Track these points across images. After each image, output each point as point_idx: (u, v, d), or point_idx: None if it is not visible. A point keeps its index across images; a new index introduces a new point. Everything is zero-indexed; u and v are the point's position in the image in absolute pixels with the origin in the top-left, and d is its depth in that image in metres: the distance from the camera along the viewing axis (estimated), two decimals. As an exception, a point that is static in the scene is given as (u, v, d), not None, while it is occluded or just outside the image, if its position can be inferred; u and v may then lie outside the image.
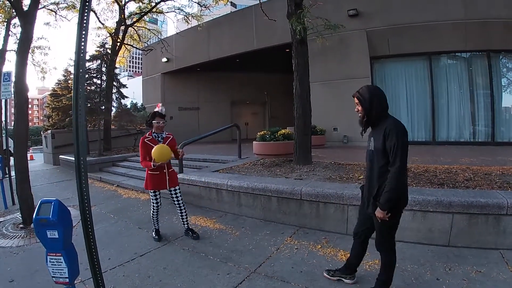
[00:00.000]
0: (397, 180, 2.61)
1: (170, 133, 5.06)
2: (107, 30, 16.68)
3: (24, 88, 6.12)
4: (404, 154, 2.60)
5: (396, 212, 2.77)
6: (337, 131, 13.18)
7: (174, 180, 5.00)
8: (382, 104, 2.80)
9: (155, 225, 5.07)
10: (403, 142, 2.60)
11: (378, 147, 2.75)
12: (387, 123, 2.73)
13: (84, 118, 2.48)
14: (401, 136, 2.62)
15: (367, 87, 2.89)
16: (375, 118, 2.82)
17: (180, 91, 20.69)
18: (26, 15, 6.35)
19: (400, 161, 2.58)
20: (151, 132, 4.92)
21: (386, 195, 2.65)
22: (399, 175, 2.60)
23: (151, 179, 4.86)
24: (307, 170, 6.83)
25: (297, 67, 7.48)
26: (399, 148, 2.58)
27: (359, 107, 2.88)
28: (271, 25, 11.82)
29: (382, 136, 2.69)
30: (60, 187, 9.81)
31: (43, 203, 2.60)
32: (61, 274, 2.66)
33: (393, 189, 2.62)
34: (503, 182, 4.95)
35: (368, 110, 2.81)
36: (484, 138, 11.55)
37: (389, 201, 2.64)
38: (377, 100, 2.79)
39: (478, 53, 11.71)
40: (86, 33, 2.44)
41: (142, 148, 4.79)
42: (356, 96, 2.91)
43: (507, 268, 3.45)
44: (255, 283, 3.47)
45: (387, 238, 2.90)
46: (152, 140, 4.80)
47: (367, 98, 2.81)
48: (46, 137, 16.20)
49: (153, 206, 4.95)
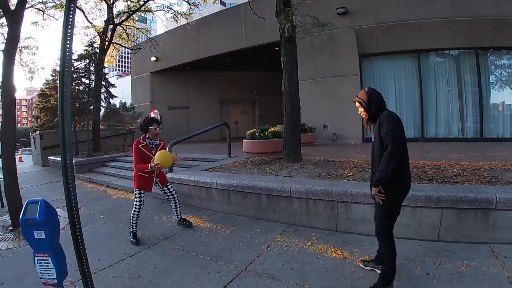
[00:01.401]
0: (387, 162, 2.79)
1: (162, 139, 5.18)
2: (95, 29, 16.56)
3: (11, 88, 6.05)
4: (396, 139, 2.80)
5: (390, 198, 2.93)
6: (327, 128, 13.23)
7: (164, 179, 5.29)
8: (379, 101, 3.04)
9: (133, 227, 4.99)
10: (394, 129, 2.81)
11: (376, 138, 2.99)
12: (381, 116, 2.97)
13: (70, 118, 2.46)
14: (392, 123, 2.84)
15: (363, 90, 3.14)
16: (375, 115, 3.04)
17: (169, 90, 20.58)
18: (13, 14, 6.28)
19: (391, 145, 2.78)
20: (145, 137, 4.96)
21: (376, 175, 2.90)
22: (389, 159, 2.79)
23: (139, 179, 4.96)
24: (296, 167, 6.85)
25: (286, 65, 7.48)
26: (390, 134, 2.80)
27: (361, 108, 3.13)
28: (260, 24, 11.81)
29: (377, 127, 2.95)
30: (49, 188, 9.72)
31: (29, 203, 2.59)
32: (49, 275, 2.65)
33: (383, 170, 2.82)
34: (492, 177, 5.02)
35: (368, 109, 3.05)
36: (473, 134, 11.67)
37: (379, 179, 2.88)
38: (374, 98, 3.04)
39: (466, 50, 11.82)
40: (71, 32, 2.42)
41: (136, 153, 4.85)
42: (356, 100, 3.15)
43: (497, 262, 3.49)
44: (246, 281, 3.47)
45: (383, 225, 3.05)
46: (145, 147, 4.91)
47: (365, 99, 3.05)
48: (35, 138, 16.03)
49: (136, 206, 4.95)
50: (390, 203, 2.97)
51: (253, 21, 12.24)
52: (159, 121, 5.01)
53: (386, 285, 2.97)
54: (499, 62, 11.81)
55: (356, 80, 12.51)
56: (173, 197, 5.33)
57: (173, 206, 5.40)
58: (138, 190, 4.97)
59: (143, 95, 21.01)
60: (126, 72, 79.81)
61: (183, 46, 18.24)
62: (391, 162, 2.78)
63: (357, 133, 12.57)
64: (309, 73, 12.79)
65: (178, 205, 5.41)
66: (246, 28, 15.52)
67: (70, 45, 2.42)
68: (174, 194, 5.34)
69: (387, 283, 2.98)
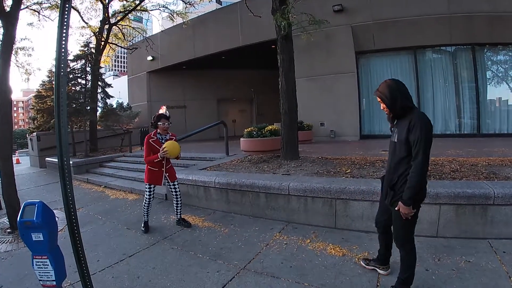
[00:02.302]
0: (419, 175, 2.58)
1: (174, 134, 5.41)
2: (91, 29, 16.50)
3: (7, 90, 6.02)
4: (427, 148, 2.56)
5: (416, 207, 2.74)
6: (324, 126, 13.23)
7: (174, 175, 5.41)
8: (404, 97, 2.75)
9: (144, 217, 5.35)
10: (426, 136, 2.56)
11: (401, 139, 2.72)
12: (412, 115, 2.69)
13: (66, 118, 2.45)
14: (425, 130, 2.57)
15: (385, 83, 2.83)
16: (400, 111, 2.77)
17: (166, 90, 20.54)
18: (8, 15, 6.25)
19: (423, 155, 2.55)
20: (156, 133, 5.18)
21: (408, 191, 2.63)
22: (421, 170, 2.58)
23: (149, 174, 5.19)
24: (294, 165, 6.85)
25: (283, 63, 7.48)
26: (422, 141, 2.55)
27: (383, 104, 2.85)
28: (256, 22, 11.81)
29: (406, 128, 2.66)
30: (47, 190, 9.69)
31: (27, 205, 2.58)
32: (48, 277, 2.64)
33: (415, 185, 2.60)
34: (490, 173, 5.03)
35: (392, 106, 2.77)
36: (470, 130, 11.70)
37: (412, 197, 2.63)
38: (398, 94, 2.74)
39: (462, 46, 11.84)
40: (67, 32, 2.41)
41: (147, 147, 5.07)
42: (378, 94, 2.86)
43: (495, 257, 3.50)
44: (245, 279, 3.47)
45: (405, 233, 2.86)
46: (156, 141, 5.14)
47: (387, 95, 2.77)
48: (32, 140, 15.99)
49: (146, 198, 5.29)
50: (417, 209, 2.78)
51: (250, 19, 12.23)
52: (167, 116, 5.20)
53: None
54: (496, 58, 11.83)
55: (353, 78, 12.52)
56: (176, 195, 5.38)
57: (175, 205, 5.42)
58: (148, 184, 5.23)
59: (140, 95, 20.99)
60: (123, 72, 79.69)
61: (180, 45, 18.22)
62: (422, 174, 2.59)
63: (354, 130, 12.59)
64: (306, 71, 12.80)
65: (180, 204, 5.45)
66: (243, 26, 15.50)
67: (65, 46, 2.41)
68: (178, 193, 5.40)
69: (406, 287, 2.89)
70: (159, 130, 5.17)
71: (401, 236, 2.89)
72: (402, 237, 2.88)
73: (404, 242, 2.88)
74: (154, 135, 5.13)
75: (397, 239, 2.93)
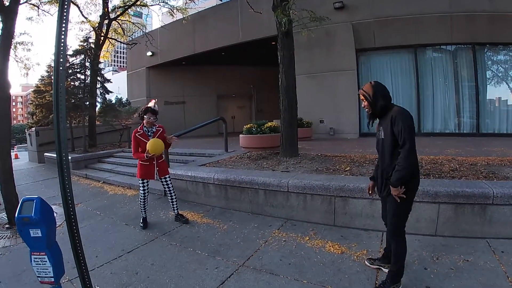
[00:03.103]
0: (407, 160, 2.75)
1: (161, 125, 5.36)
2: (91, 24, 16.44)
3: (6, 84, 5.99)
4: (411, 136, 2.74)
5: (408, 195, 2.88)
6: (324, 123, 13.22)
7: (164, 170, 5.35)
8: (385, 97, 2.96)
9: (142, 213, 5.36)
10: (408, 125, 2.76)
11: (387, 134, 2.91)
12: (392, 111, 2.89)
13: (65, 113, 2.43)
14: (405, 120, 2.77)
15: (369, 84, 3.04)
16: (380, 110, 2.97)
17: (165, 85, 20.48)
18: (7, 10, 6.21)
19: (409, 142, 2.72)
20: (142, 126, 5.18)
21: (396, 174, 2.81)
22: (408, 156, 2.74)
23: (141, 169, 5.21)
24: (293, 162, 6.84)
25: (283, 59, 7.46)
26: (406, 131, 2.73)
27: (365, 102, 3.03)
28: (257, 18, 11.77)
29: (389, 123, 2.85)
30: (45, 185, 9.67)
31: (25, 201, 2.56)
32: (46, 274, 2.63)
33: (404, 168, 2.76)
34: (489, 172, 5.03)
35: (373, 104, 2.97)
36: (469, 129, 11.69)
37: (399, 178, 2.79)
38: (379, 93, 2.95)
39: (463, 46, 11.81)
40: (66, 26, 2.39)
41: (134, 142, 5.10)
42: (361, 93, 3.06)
43: (494, 257, 3.50)
44: (244, 276, 3.47)
45: (398, 224, 2.98)
46: (143, 135, 5.12)
47: (370, 93, 2.96)
48: (31, 135, 15.95)
49: (141, 194, 5.28)
50: (408, 198, 2.93)
51: (250, 16, 12.19)
52: (155, 111, 5.19)
53: (396, 282, 2.97)
54: (496, 58, 11.81)
55: (353, 75, 12.50)
56: (169, 190, 5.39)
57: (170, 200, 5.42)
58: (141, 179, 5.24)
59: (139, 90, 20.92)
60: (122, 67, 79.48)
61: (179, 40, 18.15)
62: (410, 158, 2.76)
63: (353, 128, 12.59)
64: (306, 68, 12.76)
65: (175, 199, 5.44)
66: (243, 22, 15.44)
67: (64, 40, 2.39)
68: (170, 187, 5.39)
69: (397, 279, 2.98)
70: (144, 123, 5.17)
71: (396, 227, 2.99)
72: (397, 227, 2.99)
73: (398, 233, 2.99)
74: (140, 129, 5.15)
75: (390, 231, 3.05)
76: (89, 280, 2.71)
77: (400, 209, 2.94)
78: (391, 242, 3.07)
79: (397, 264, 2.97)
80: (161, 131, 5.27)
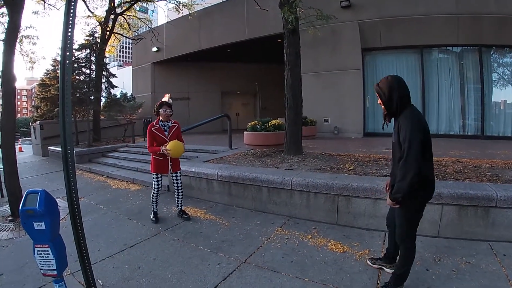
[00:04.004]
0: (404, 173, 2.56)
1: (176, 121, 5.35)
2: (97, 18, 16.43)
3: (11, 78, 6.01)
4: (413, 146, 2.51)
5: (413, 205, 2.77)
6: (328, 122, 13.19)
7: (177, 165, 5.37)
8: (402, 96, 2.71)
9: (153, 207, 5.39)
10: (411, 135, 2.53)
11: (395, 140, 2.75)
12: (401, 116, 2.68)
13: (70, 107, 2.44)
14: (410, 129, 2.55)
15: (386, 79, 2.78)
16: (395, 110, 2.73)
17: (170, 81, 20.47)
18: (13, 4, 6.22)
19: (408, 154, 2.52)
20: (158, 120, 5.17)
21: (395, 186, 2.67)
22: (405, 169, 2.55)
23: (155, 163, 5.20)
24: (297, 160, 6.83)
25: (289, 57, 7.43)
26: (407, 141, 2.53)
27: (380, 100, 2.81)
28: (263, 15, 11.75)
29: (397, 129, 2.68)
30: (49, 178, 9.71)
31: (29, 193, 2.56)
32: (49, 266, 2.64)
33: (401, 181, 2.59)
34: (493, 175, 4.99)
35: (388, 103, 2.74)
36: (474, 131, 11.61)
37: (397, 192, 2.64)
38: (395, 92, 2.70)
39: (469, 47, 11.72)
40: (73, 21, 2.39)
41: (149, 136, 5.08)
42: (376, 89, 2.83)
43: (496, 259, 3.49)
44: (246, 273, 3.47)
45: (406, 231, 2.85)
46: (158, 129, 5.12)
47: (385, 90, 2.73)
48: (35, 128, 16.01)
49: (154, 188, 5.30)
50: (414, 211, 2.81)
51: (256, 13, 12.17)
52: (169, 104, 5.16)
53: (399, 285, 2.93)
54: (502, 60, 11.71)
55: (358, 74, 12.46)
56: (177, 186, 5.37)
57: (176, 195, 5.42)
58: (155, 174, 5.24)
59: (143, 86, 20.95)
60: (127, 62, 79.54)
61: (185, 36, 18.13)
62: (408, 173, 2.53)
63: (358, 127, 12.55)
64: (312, 66, 12.72)
65: (181, 196, 5.45)
66: (249, 19, 15.40)
67: (71, 35, 2.39)
68: (179, 184, 5.38)
69: (400, 283, 2.93)
70: (161, 117, 5.14)
71: (402, 234, 2.89)
72: (403, 235, 2.88)
73: (404, 239, 2.88)
74: (156, 123, 5.12)
75: (398, 236, 2.94)
76: (91, 274, 2.72)
77: (406, 221, 2.82)
78: (400, 245, 2.96)
79: (402, 268, 2.91)
80: (177, 127, 5.27)
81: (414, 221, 2.85)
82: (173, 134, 5.16)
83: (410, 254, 2.89)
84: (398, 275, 2.93)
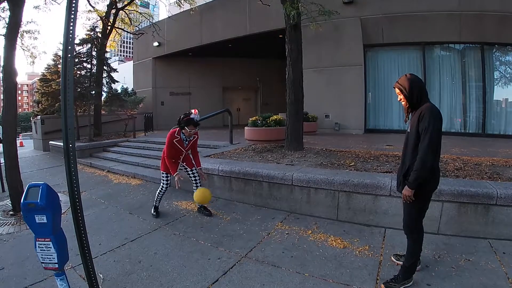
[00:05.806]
0: (423, 160, 2.73)
1: (196, 132, 5.18)
2: (98, 13, 16.36)
3: (12, 73, 6.01)
4: (433, 136, 2.69)
5: (422, 195, 2.90)
6: (329, 118, 13.17)
7: (190, 163, 5.34)
8: (421, 91, 2.91)
9: (156, 202, 5.41)
10: (434, 125, 2.70)
11: (412, 129, 2.89)
12: (423, 107, 2.84)
13: (72, 101, 2.44)
14: (433, 119, 2.72)
15: (405, 77, 2.98)
16: (417, 101, 2.91)
17: (171, 76, 20.45)
18: (15, -2, 6.21)
19: (429, 141, 2.69)
20: (180, 132, 5.02)
21: (413, 174, 2.79)
22: (425, 155, 2.71)
23: (165, 164, 5.13)
24: (298, 156, 6.84)
25: (290, 52, 7.41)
26: (429, 130, 2.69)
27: (401, 95, 2.99)
28: (265, 10, 11.68)
29: (417, 118, 2.82)
30: (50, 173, 9.72)
31: (31, 187, 2.57)
32: (50, 260, 2.64)
33: (420, 168, 2.74)
34: (493, 173, 5.00)
35: (410, 98, 2.92)
36: (475, 129, 11.58)
37: (416, 179, 2.78)
38: (416, 87, 2.89)
39: (471, 45, 11.66)
40: (75, 15, 2.39)
41: (170, 147, 5.00)
42: (397, 86, 3.01)
43: (495, 257, 3.50)
44: (246, 267, 3.49)
45: (414, 221, 3.00)
46: (179, 141, 5.03)
47: (406, 87, 2.91)
48: (36, 123, 15.99)
49: (162, 186, 5.29)
50: (422, 201, 2.95)
51: (258, 8, 12.09)
52: (196, 123, 4.98)
53: (408, 278, 3.00)
54: (504, 59, 11.65)
55: (360, 70, 12.43)
56: (195, 181, 5.33)
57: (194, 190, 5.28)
58: (165, 173, 5.22)
59: (145, 81, 20.92)
60: (128, 57, 79.42)
61: (186, 31, 18.06)
62: (427, 160, 2.72)
63: (359, 123, 12.54)
64: (313, 62, 12.66)
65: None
66: (251, 14, 15.34)
67: (73, 29, 2.39)
68: (197, 179, 5.33)
69: (408, 275, 3.01)
70: (183, 131, 4.98)
71: (409, 225, 3.03)
72: (410, 225, 3.03)
73: (411, 230, 3.03)
74: (178, 134, 5.00)
75: (405, 227, 3.07)
76: (92, 268, 2.73)
77: (417, 209, 2.96)
78: (407, 238, 3.09)
79: (410, 260, 3.01)
80: (196, 138, 5.25)
81: (423, 209, 3.01)
82: (191, 146, 5.19)
83: (416, 246, 3.02)
84: (407, 267, 3.02)
